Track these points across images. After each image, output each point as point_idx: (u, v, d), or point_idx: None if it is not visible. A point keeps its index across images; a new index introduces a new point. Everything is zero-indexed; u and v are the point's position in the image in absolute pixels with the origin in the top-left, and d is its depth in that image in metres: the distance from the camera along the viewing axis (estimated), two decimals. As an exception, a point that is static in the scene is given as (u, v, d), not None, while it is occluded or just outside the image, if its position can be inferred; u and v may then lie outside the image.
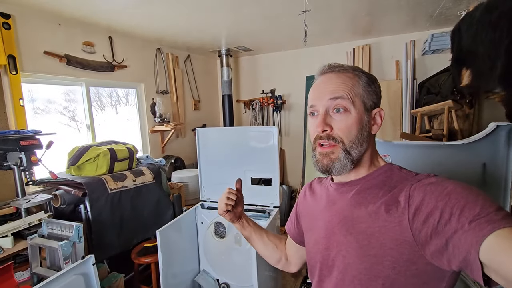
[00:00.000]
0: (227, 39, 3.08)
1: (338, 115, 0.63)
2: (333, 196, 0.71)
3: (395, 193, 0.58)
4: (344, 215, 0.65)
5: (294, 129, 3.83)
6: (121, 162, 2.15)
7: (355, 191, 0.65)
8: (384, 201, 0.59)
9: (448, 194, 0.50)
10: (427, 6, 2.25)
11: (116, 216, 1.95)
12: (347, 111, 0.63)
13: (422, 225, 0.51)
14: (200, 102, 3.79)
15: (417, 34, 3.02)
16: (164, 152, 3.16)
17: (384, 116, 0.68)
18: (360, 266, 0.59)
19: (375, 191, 0.62)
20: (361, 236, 0.60)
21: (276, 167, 2.09)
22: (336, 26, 2.75)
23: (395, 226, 0.55)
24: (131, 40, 2.72)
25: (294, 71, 3.72)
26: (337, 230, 0.65)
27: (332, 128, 0.63)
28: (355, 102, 0.63)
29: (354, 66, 0.69)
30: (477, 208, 0.46)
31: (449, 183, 0.52)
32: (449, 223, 0.47)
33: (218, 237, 2.26)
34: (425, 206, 0.52)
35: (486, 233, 0.43)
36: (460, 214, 0.46)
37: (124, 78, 2.67)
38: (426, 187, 0.54)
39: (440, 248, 0.49)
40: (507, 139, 1.25)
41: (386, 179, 0.63)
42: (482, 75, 1.74)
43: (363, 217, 0.61)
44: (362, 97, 0.64)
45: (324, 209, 0.72)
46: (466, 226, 0.45)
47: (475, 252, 0.43)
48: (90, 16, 2.17)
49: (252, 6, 2.09)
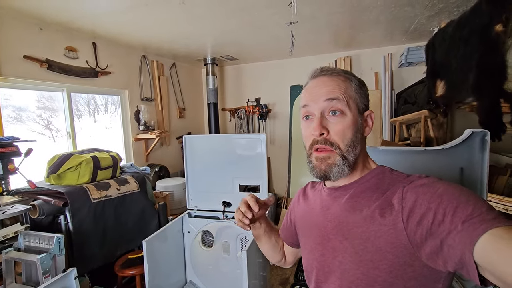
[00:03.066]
0: (213, 48, 3.11)
1: (334, 117, 0.63)
2: (326, 202, 0.70)
3: (388, 196, 0.58)
4: (339, 220, 0.65)
5: (279, 137, 3.88)
6: (104, 170, 2.08)
7: (349, 195, 0.65)
8: (378, 205, 0.58)
9: (440, 195, 0.50)
10: (403, 21, 2.41)
11: (99, 226, 1.87)
12: (343, 113, 0.62)
13: (417, 227, 0.51)
14: (185, 110, 3.76)
15: (394, 47, 3.21)
16: (148, 161, 3.09)
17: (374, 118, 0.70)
18: (357, 272, 0.59)
19: (368, 195, 0.62)
20: (357, 241, 0.59)
21: (264, 174, 2.11)
22: (320, 38, 2.86)
23: (390, 229, 0.55)
24: (116, 46, 2.68)
25: (279, 81, 3.80)
26: (332, 236, 0.65)
27: (328, 132, 0.63)
28: (349, 105, 0.63)
29: (345, 70, 0.69)
30: (469, 208, 0.46)
31: (440, 184, 0.53)
32: (442, 224, 0.47)
33: (205, 246, 2.22)
34: (418, 207, 0.52)
35: (479, 233, 0.43)
36: (453, 215, 0.47)
37: (108, 85, 2.61)
38: (418, 188, 0.54)
39: (436, 249, 0.49)
40: (481, 144, 1.35)
41: (379, 182, 0.63)
42: (455, 86, 1.87)
43: (358, 221, 0.60)
44: (355, 100, 0.64)
45: (318, 214, 0.72)
46: (459, 226, 0.45)
47: (469, 253, 0.43)
48: (74, 21, 2.12)
49: (240, 16, 2.14)
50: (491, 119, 1.41)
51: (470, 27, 1.52)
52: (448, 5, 2.00)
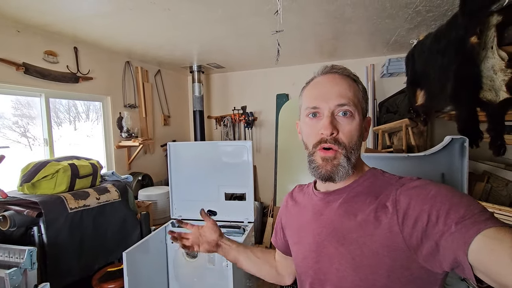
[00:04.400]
0: (200, 55, 3.10)
1: (344, 118, 0.61)
2: (319, 206, 0.68)
3: (381, 199, 0.57)
4: (333, 226, 0.63)
5: (265, 145, 3.88)
6: (83, 178, 1.98)
7: (342, 200, 0.63)
8: (372, 209, 0.58)
9: (433, 197, 0.50)
10: (385, 33, 2.50)
11: (76, 238, 1.77)
12: (352, 115, 0.61)
13: (412, 230, 0.51)
14: (170, 118, 3.70)
15: (376, 58, 3.32)
16: (130, 169, 2.99)
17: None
18: (355, 278, 0.58)
19: (362, 199, 0.61)
20: (353, 246, 0.58)
21: (250, 182, 2.09)
22: (305, 48, 2.92)
23: (386, 233, 0.54)
24: (98, 51, 2.61)
25: (265, 89, 3.83)
26: (328, 242, 0.63)
27: (338, 132, 0.61)
28: (358, 108, 0.62)
29: (353, 72, 0.67)
30: (462, 209, 0.46)
31: (433, 185, 0.53)
32: (436, 225, 0.47)
33: (189, 257, 2.15)
34: (412, 210, 0.52)
35: (472, 234, 0.43)
36: (446, 216, 0.47)
37: (89, 91, 2.52)
38: (411, 190, 0.54)
39: (432, 251, 0.49)
40: (461, 150, 1.40)
41: (371, 185, 0.62)
42: (434, 96, 1.94)
43: (353, 226, 0.59)
44: (361, 104, 0.64)
45: (311, 220, 0.69)
46: (452, 228, 0.45)
47: (463, 254, 0.43)
48: (54, 25, 2.05)
49: (227, 24, 2.15)
50: (469, 127, 1.46)
51: (446, 39, 1.59)
52: (426, 18, 2.10)
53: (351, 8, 1.89)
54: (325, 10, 1.92)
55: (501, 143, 1.37)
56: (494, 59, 1.34)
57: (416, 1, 1.82)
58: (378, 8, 1.91)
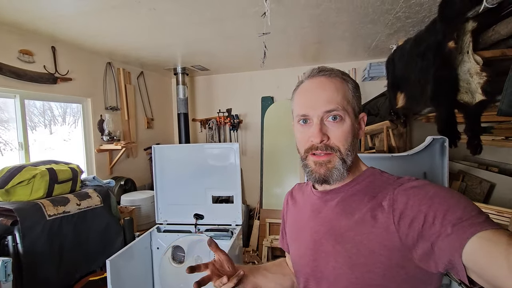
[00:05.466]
0: (184, 57, 3.06)
1: (334, 123, 0.61)
2: (317, 205, 0.68)
3: (379, 198, 0.58)
4: (331, 225, 0.63)
5: (251, 148, 3.88)
6: (62, 184, 1.89)
7: (340, 198, 0.64)
8: (369, 208, 0.58)
9: (431, 198, 0.51)
10: (366, 38, 2.59)
11: (55, 246, 1.67)
12: (342, 119, 0.61)
13: (408, 229, 0.51)
14: (154, 120, 3.61)
15: (358, 63, 3.42)
16: (112, 174, 2.88)
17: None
18: (350, 276, 0.58)
19: (359, 198, 0.61)
20: (350, 244, 0.58)
21: (238, 184, 2.08)
22: (290, 51, 2.96)
23: (383, 232, 0.55)
24: (78, 51, 2.51)
25: (250, 92, 3.83)
26: (325, 240, 0.63)
27: (328, 138, 0.61)
28: (347, 110, 0.62)
29: (342, 71, 0.66)
30: (459, 211, 0.47)
31: (431, 186, 0.53)
32: (433, 226, 0.48)
33: (176, 262, 2.10)
34: (409, 210, 0.52)
35: (468, 235, 0.43)
36: (443, 218, 0.47)
37: (68, 92, 2.42)
38: (409, 191, 0.55)
39: (427, 251, 0.49)
40: (441, 150, 1.46)
41: (369, 184, 0.62)
42: (414, 98, 2.03)
43: (350, 225, 0.60)
44: (352, 103, 0.63)
45: (309, 218, 0.70)
46: (449, 229, 0.46)
47: (458, 255, 0.44)
48: (30, 23, 1.96)
49: (213, 25, 2.14)
50: (448, 128, 1.53)
51: (426, 43, 1.67)
52: (405, 24, 2.20)
53: (336, 13, 1.94)
54: (311, 14, 1.96)
55: (477, 142, 1.45)
56: (470, 63, 1.42)
57: (397, 7, 1.89)
58: (361, 13, 1.97)
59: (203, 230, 2.08)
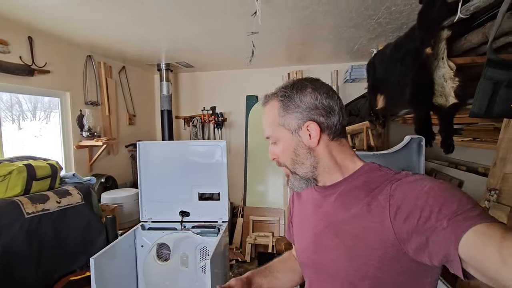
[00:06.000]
0: (169, 53, 3.02)
1: (273, 146, 0.71)
2: (318, 200, 0.72)
3: (376, 193, 0.59)
4: (330, 219, 0.66)
5: (235, 146, 3.89)
6: (41, 181, 1.81)
7: (338, 193, 0.66)
8: (366, 202, 0.60)
9: (427, 193, 0.52)
10: (349, 41, 2.69)
11: (34, 245, 1.61)
12: (278, 141, 0.69)
13: (403, 224, 0.52)
14: (136, 117, 3.53)
15: (340, 65, 3.54)
16: (92, 171, 2.79)
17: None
18: (348, 268, 0.61)
19: (357, 193, 0.63)
20: (347, 238, 0.61)
21: (224, 182, 2.09)
22: (275, 51, 3.01)
23: (378, 226, 0.56)
24: (57, 43, 2.40)
25: (234, 90, 3.84)
26: (325, 234, 0.67)
27: (278, 156, 0.70)
28: (279, 133, 0.68)
29: (276, 89, 0.70)
30: (454, 205, 0.47)
31: (427, 181, 0.54)
32: (428, 220, 0.49)
33: (161, 260, 2.08)
34: (405, 205, 0.53)
35: (463, 229, 0.44)
36: (438, 212, 0.48)
37: (46, 85, 2.31)
38: (406, 185, 0.56)
39: (421, 245, 0.50)
40: (418, 149, 1.57)
41: (367, 180, 0.63)
42: (393, 100, 2.14)
43: (347, 219, 0.62)
44: (283, 124, 0.67)
45: (311, 213, 0.73)
46: (444, 223, 0.46)
47: (454, 249, 0.45)
48: (9, 11, 1.85)
49: (200, 22, 2.13)
50: (424, 128, 1.64)
51: (405, 49, 1.78)
52: (385, 30, 2.31)
53: (323, 15, 2.00)
54: (298, 16, 2.01)
55: (450, 142, 1.57)
56: (444, 69, 1.53)
57: (379, 13, 1.99)
58: (345, 17, 2.06)
59: (190, 227, 2.07)
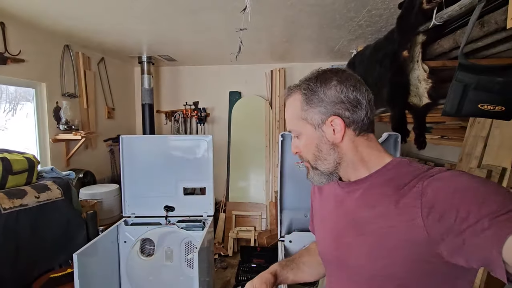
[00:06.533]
0: (151, 46, 2.95)
1: (296, 139, 0.70)
2: (340, 196, 0.69)
3: (405, 190, 0.55)
4: (353, 216, 0.63)
5: (218, 141, 3.89)
6: (17, 175, 1.73)
7: (363, 190, 0.63)
8: (394, 200, 0.56)
9: (464, 190, 0.48)
10: (330, 41, 2.79)
11: (11, 242, 1.54)
12: (300, 135, 0.68)
13: (438, 224, 0.48)
14: (115, 110, 3.42)
15: (321, 64, 3.65)
16: (69, 165, 2.68)
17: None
18: (372, 268, 0.58)
19: (383, 189, 0.59)
20: (371, 237, 0.58)
21: (210, 176, 2.11)
22: (259, 48, 3.04)
23: (408, 226, 0.52)
24: (31, 30, 2.27)
25: (217, 86, 3.84)
26: (346, 231, 0.64)
27: (300, 149, 0.69)
28: (301, 127, 0.66)
29: (300, 81, 0.67)
30: (495, 205, 0.43)
31: (463, 177, 0.50)
32: (466, 221, 0.44)
33: (145, 255, 2.08)
34: (440, 203, 0.49)
35: (508, 231, 0.40)
36: (478, 212, 0.44)
37: (19, 75, 2.18)
38: (440, 182, 0.51)
39: (458, 247, 0.46)
40: (394, 145, 1.69)
41: (395, 176, 0.59)
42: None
43: (373, 217, 0.59)
44: (305, 119, 0.65)
45: (332, 209, 0.71)
46: (486, 224, 0.42)
47: (497, 252, 0.41)
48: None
49: (186, 16, 2.12)
50: (400, 126, 1.77)
51: (384, 51, 1.89)
52: (365, 32, 2.43)
53: (307, 15, 2.07)
54: (284, 14, 2.06)
55: (423, 139, 1.71)
56: (419, 71, 1.66)
57: (360, 16, 2.09)
58: (329, 18, 2.14)
59: (175, 221, 2.07)
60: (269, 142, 3.61)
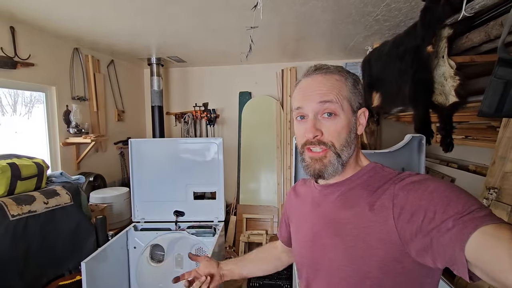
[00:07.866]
0: (160, 47, 2.91)
1: (327, 119, 0.62)
2: (318, 199, 0.70)
3: (379, 193, 0.58)
4: (329, 218, 0.65)
5: (228, 143, 3.82)
6: (26, 180, 1.71)
7: (340, 192, 0.65)
8: (369, 202, 0.59)
9: (431, 193, 0.50)
10: (345, 38, 2.67)
11: (20, 249, 1.51)
12: (336, 115, 0.62)
13: (407, 224, 0.51)
14: (125, 113, 3.40)
15: (334, 62, 3.51)
16: (79, 169, 2.67)
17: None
18: (347, 268, 0.59)
19: (359, 192, 0.62)
20: (348, 237, 0.60)
21: (221, 180, 2.04)
22: (269, 46, 2.95)
23: (381, 226, 0.55)
24: (41, 34, 2.26)
25: (227, 86, 3.77)
26: (323, 233, 0.65)
27: (322, 133, 0.62)
28: (343, 106, 0.62)
29: (339, 67, 0.67)
30: (460, 206, 0.46)
31: (431, 181, 0.53)
32: (433, 221, 0.47)
33: (155, 262, 2.02)
34: (409, 205, 0.52)
35: (470, 230, 0.43)
36: (443, 212, 0.47)
37: (29, 79, 2.17)
38: (410, 186, 0.55)
39: (425, 246, 0.49)
40: (418, 147, 1.57)
41: (370, 179, 0.63)
42: (390, 98, 2.14)
43: (348, 218, 0.61)
44: (349, 100, 0.63)
45: (309, 211, 0.72)
46: (450, 224, 0.45)
47: (460, 250, 0.43)
48: (-14, -2, 1.72)
49: (195, 16, 2.05)
50: (424, 127, 1.64)
51: (405, 46, 1.77)
52: (382, 27, 2.30)
53: (321, 11, 1.97)
54: (297, 11, 1.96)
55: (450, 141, 1.58)
56: (445, 67, 1.53)
57: (377, 10, 1.97)
58: (344, 13, 2.03)
59: (185, 227, 2.01)
60: (281, 143, 3.52)
